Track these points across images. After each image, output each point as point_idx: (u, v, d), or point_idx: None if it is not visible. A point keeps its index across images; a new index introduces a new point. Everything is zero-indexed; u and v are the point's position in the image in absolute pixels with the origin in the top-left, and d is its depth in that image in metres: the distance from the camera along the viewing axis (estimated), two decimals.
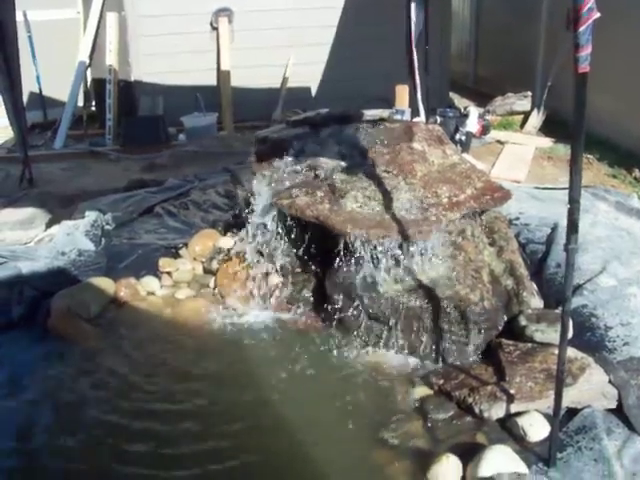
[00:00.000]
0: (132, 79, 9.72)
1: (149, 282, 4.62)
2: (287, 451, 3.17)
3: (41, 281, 4.50)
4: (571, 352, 3.28)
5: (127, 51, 9.64)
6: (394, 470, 2.99)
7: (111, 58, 9.55)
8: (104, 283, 4.51)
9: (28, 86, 8.75)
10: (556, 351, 2.93)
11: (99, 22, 9.76)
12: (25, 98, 7.93)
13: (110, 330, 4.21)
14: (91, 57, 9.85)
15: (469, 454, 2.94)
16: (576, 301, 3.85)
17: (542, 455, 2.93)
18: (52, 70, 9.71)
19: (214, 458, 3.10)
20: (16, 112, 7.15)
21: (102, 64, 9.68)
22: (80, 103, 10.05)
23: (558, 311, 3.61)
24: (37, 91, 9.90)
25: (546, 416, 3.10)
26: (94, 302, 4.35)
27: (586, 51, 2.39)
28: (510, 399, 3.19)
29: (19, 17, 7.40)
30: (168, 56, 9.50)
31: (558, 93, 8.76)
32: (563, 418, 3.02)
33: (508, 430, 3.14)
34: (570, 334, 2.96)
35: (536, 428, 3.06)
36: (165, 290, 4.61)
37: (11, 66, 6.79)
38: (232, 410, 3.43)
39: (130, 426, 3.32)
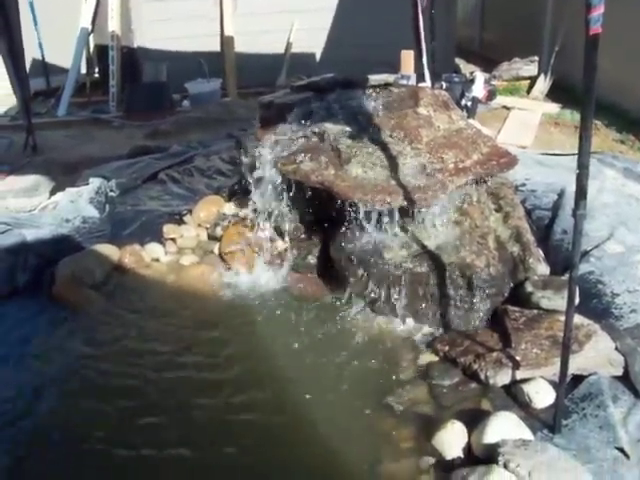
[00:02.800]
0: (135, 45, 9.66)
1: (153, 249, 4.61)
2: (290, 416, 3.18)
3: (45, 248, 4.50)
4: (577, 319, 3.25)
5: (130, 17, 9.57)
6: (399, 436, 2.99)
7: (114, 24, 9.48)
8: (108, 250, 4.50)
9: (30, 53, 8.68)
10: (562, 318, 2.91)
11: None
12: (28, 65, 7.87)
13: (114, 296, 4.21)
14: (93, 23, 9.76)
15: (474, 420, 2.93)
16: (583, 268, 3.81)
17: (547, 422, 2.92)
18: (54, 37, 9.65)
19: (220, 425, 3.11)
20: (19, 80, 7.12)
21: (105, 30, 9.60)
22: (83, 70, 10.00)
23: (564, 278, 3.59)
24: (40, 58, 9.82)
25: (551, 383, 3.09)
26: (98, 269, 4.34)
27: (598, 11, 2.32)
28: (515, 366, 3.18)
29: None
30: (171, 22, 9.43)
31: (566, 57, 8.66)
32: (568, 385, 2.99)
33: (513, 397, 3.13)
34: (577, 301, 2.94)
35: (541, 395, 3.05)
36: (169, 256, 4.60)
37: (13, 33, 6.75)
38: (237, 377, 3.43)
39: (132, 393, 3.33)
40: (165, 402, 3.27)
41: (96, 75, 10.37)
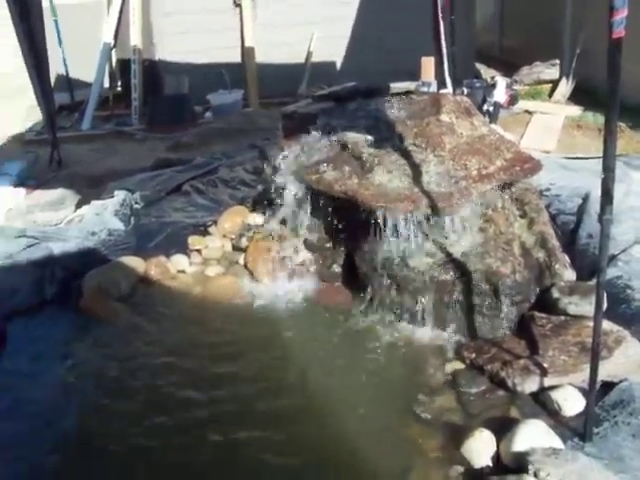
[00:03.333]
0: (157, 58, 9.72)
1: (179, 260, 4.64)
2: (319, 424, 3.18)
3: (72, 261, 4.55)
4: (606, 325, 3.21)
5: (151, 31, 9.64)
6: (427, 445, 2.98)
7: (135, 38, 9.56)
8: (134, 262, 4.53)
9: (55, 68, 8.77)
10: (590, 324, 2.89)
11: (122, 3, 9.74)
12: (52, 80, 7.96)
13: (141, 308, 4.24)
14: (116, 38, 9.87)
15: (502, 429, 2.91)
16: (610, 272, 3.77)
17: (577, 430, 2.88)
18: (78, 52, 9.75)
19: (246, 433, 3.12)
20: (44, 94, 7.21)
21: (127, 44, 9.68)
22: (106, 84, 10.09)
23: (591, 283, 3.56)
24: (64, 73, 9.93)
25: (580, 390, 3.05)
26: (124, 281, 4.38)
27: (621, 15, 2.31)
28: (543, 373, 3.16)
29: (45, 2, 7.41)
30: (192, 34, 9.47)
31: (588, 60, 8.60)
32: (598, 392, 2.95)
33: (542, 404, 3.11)
34: (605, 306, 2.91)
35: (571, 402, 3.03)
36: (195, 268, 4.62)
37: (38, 49, 6.85)
38: (264, 387, 3.44)
39: (160, 403, 3.36)
40: (190, 415, 3.27)
41: (119, 89, 10.46)
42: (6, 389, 3.52)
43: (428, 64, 8.33)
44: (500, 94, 8.23)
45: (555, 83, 9.35)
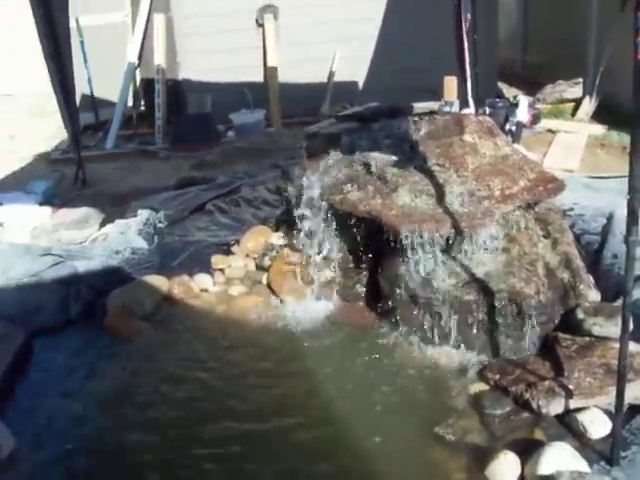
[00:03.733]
0: (180, 78, 9.82)
1: (202, 279, 4.66)
2: (341, 445, 3.17)
3: (96, 279, 4.58)
4: (632, 346, 3.18)
5: (175, 51, 9.75)
6: (451, 467, 2.97)
7: (159, 58, 9.66)
8: (158, 281, 4.56)
9: (80, 88, 8.87)
10: (615, 345, 2.87)
11: (147, 24, 9.87)
12: (77, 100, 8.06)
13: (164, 327, 4.27)
14: (140, 58, 9.97)
15: (527, 451, 2.90)
16: (635, 293, 3.73)
17: (604, 453, 2.85)
18: (102, 72, 9.85)
19: (268, 452, 3.13)
20: (70, 114, 7.31)
21: (150, 64, 9.79)
22: (130, 103, 10.19)
23: (616, 304, 3.54)
24: (88, 93, 10.04)
25: (607, 412, 3.03)
26: (148, 300, 4.41)
27: None
28: (569, 395, 3.13)
29: (71, 23, 7.52)
30: (215, 54, 9.55)
31: (611, 78, 8.56)
32: (625, 415, 2.92)
33: (567, 426, 3.08)
34: (631, 328, 2.89)
35: (597, 425, 3.00)
36: (218, 287, 4.64)
37: (65, 70, 6.96)
38: (286, 407, 3.44)
39: (184, 423, 3.36)
40: (212, 430, 3.29)
41: (142, 108, 10.55)
42: (33, 404, 3.55)
43: (451, 83, 8.35)
44: (523, 113, 8.21)
45: (578, 101, 9.31)
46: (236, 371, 3.76)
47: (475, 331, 3.69)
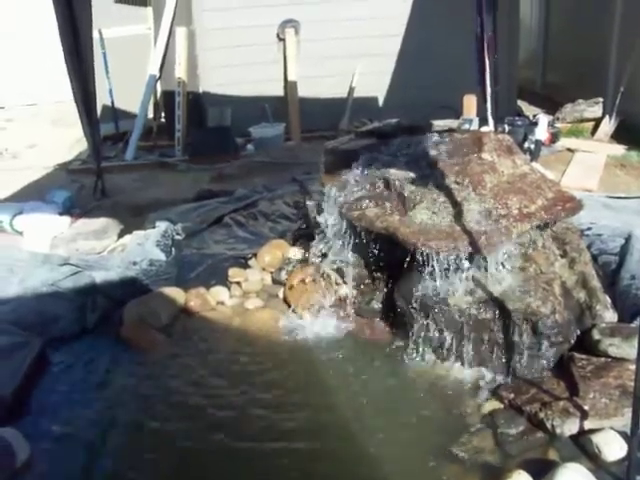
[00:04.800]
0: (200, 91, 9.88)
1: (219, 292, 4.68)
2: (354, 462, 3.17)
3: (114, 290, 4.60)
4: None
5: (196, 64, 9.82)
6: None
7: (180, 71, 9.73)
8: (174, 293, 4.58)
9: (101, 99, 8.96)
10: (632, 366, 2.86)
11: (169, 37, 9.95)
12: (98, 111, 8.13)
13: (180, 339, 4.28)
14: (161, 70, 10.04)
15: (541, 471, 2.88)
16: None
17: (618, 476, 2.84)
18: (124, 83, 9.94)
19: (283, 468, 3.13)
20: (91, 125, 7.35)
21: (171, 77, 9.86)
22: (150, 115, 10.27)
23: (634, 325, 3.53)
24: (109, 104, 10.13)
25: (622, 434, 3.00)
26: (165, 311, 4.42)
27: None
28: (583, 415, 3.12)
29: (94, 35, 7.60)
30: (236, 68, 9.62)
31: (632, 98, 8.55)
32: None
33: (581, 447, 3.06)
34: None
35: (612, 447, 2.97)
36: (234, 300, 4.66)
37: (88, 82, 7.01)
38: (300, 421, 3.44)
39: (198, 435, 3.37)
40: (223, 443, 3.30)
41: (162, 120, 10.63)
42: (47, 412, 3.57)
43: (470, 101, 8.37)
44: (542, 132, 8.20)
45: (598, 121, 9.30)
46: (248, 384, 3.76)
47: (490, 349, 3.69)
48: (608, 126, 9.11)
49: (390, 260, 4.13)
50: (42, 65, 12.14)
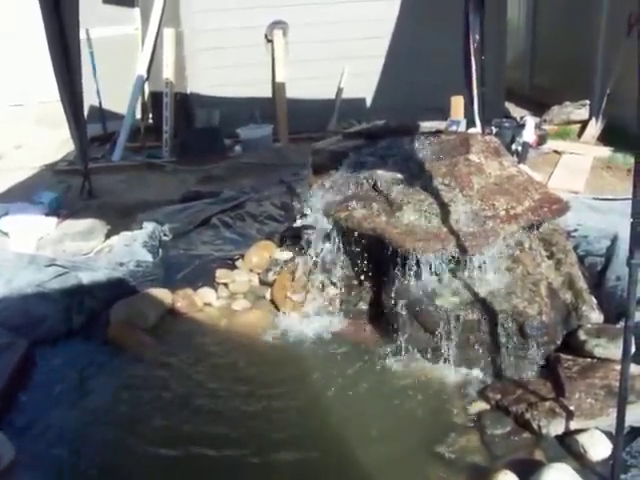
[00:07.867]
0: (188, 92, 9.87)
1: (206, 293, 4.67)
2: (341, 464, 3.17)
3: (100, 291, 4.59)
4: (634, 368, 3.19)
5: (184, 65, 9.80)
6: None
7: (168, 72, 9.70)
8: (161, 294, 4.57)
9: (89, 100, 8.92)
10: (617, 367, 2.87)
11: (157, 37, 9.93)
12: (86, 112, 8.09)
13: (167, 340, 4.27)
14: (149, 71, 10.01)
15: (527, 471, 2.89)
16: (638, 315, 3.72)
17: (604, 475, 2.86)
18: (111, 84, 9.91)
19: (267, 470, 3.13)
20: (77, 126, 7.33)
21: (159, 78, 9.84)
22: (138, 116, 10.24)
23: (619, 326, 3.54)
24: (97, 105, 10.09)
25: (607, 434, 3.03)
26: (152, 312, 4.42)
27: None
28: (569, 416, 3.13)
29: (81, 34, 7.57)
30: (223, 69, 9.61)
31: (618, 100, 8.59)
32: (626, 437, 2.91)
33: (567, 447, 3.08)
34: (632, 350, 2.89)
35: (597, 447, 3.00)
36: (221, 301, 4.65)
37: (74, 82, 6.98)
38: (286, 424, 3.43)
39: (185, 435, 3.36)
40: (207, 449, 3.27)
41: (150, 121, 10.60)
42: (33, 414, 3.55)
43: (458, 103, 8.40)
44: (529, 134, 8.24)
45: (584, 123, 9.35)
46: (235, 386, 3.75)
47: (477, 350, 3.70)
48: (595, 128, 9.15)
49: (377, 261, 4.14)
50: (28, 65, 12.07)
